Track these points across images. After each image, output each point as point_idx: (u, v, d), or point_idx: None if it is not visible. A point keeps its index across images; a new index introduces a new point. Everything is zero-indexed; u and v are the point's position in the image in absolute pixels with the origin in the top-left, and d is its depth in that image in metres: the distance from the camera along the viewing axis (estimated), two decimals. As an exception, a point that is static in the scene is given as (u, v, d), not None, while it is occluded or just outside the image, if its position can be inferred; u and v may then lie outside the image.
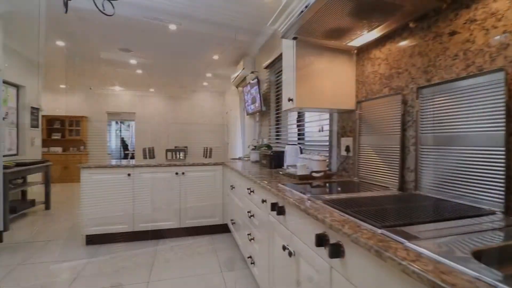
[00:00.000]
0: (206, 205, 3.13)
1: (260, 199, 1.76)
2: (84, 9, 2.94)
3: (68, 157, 7.41)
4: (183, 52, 4.43)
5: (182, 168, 3.07)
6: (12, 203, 3.77)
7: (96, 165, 2.84)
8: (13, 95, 4.34)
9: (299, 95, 1.69)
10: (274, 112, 3.52)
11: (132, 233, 2.98)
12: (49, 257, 2.59)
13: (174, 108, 8.57)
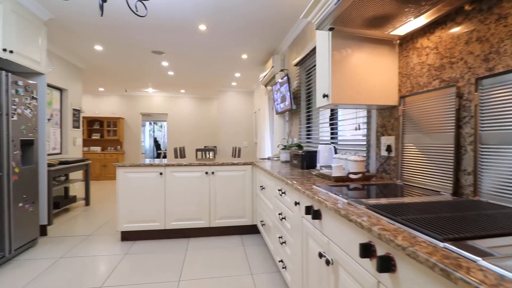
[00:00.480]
0: (235, 205, 3.10)
1: (293, 201, 1.67)
2: (119, 12, 3.04)
3: (106, 156, 7.83)
4: (212, 53, 4.46)
5: (212, 167, 3.07)
6: (56, 199, 4.03)
7: (130, 164, 2.93)
8: (57, 98, 4.65)
9: (335, 91, 1.58)
10: (305, 110, 3.40)
11: (164, 231, 3.03)
12: (87, 251, 2.70)
13: (203, 108, 8.72)
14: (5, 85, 2.37)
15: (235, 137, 7.62)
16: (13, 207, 2.47)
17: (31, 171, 2.75)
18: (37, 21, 2.92)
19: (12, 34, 2.56)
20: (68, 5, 2.90)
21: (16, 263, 2.43)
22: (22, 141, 2.62)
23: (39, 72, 2.99)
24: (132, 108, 8.39)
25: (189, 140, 8.64)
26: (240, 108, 7.67)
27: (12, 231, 2.45)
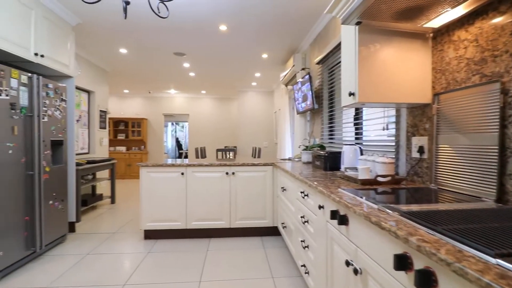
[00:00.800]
0: (256, 206, 3.06)
1: (316, 204, 1.60)
2: (141, 16, 3.10)
3: (131, 156, 8.09)
4: (232, 53, 4.45)
5: (232, 168, 3.05)
6: (84, 196, 4.20)
7: (153, 164, 2.98)
8: (85, 100, 4.85)
9: (362, 89, 1.49)
10: (327, 110, 3.30)
11: (185, 230, 3.05)
12: (112, 248, 2.78)
13: (224, 108, 8.78)
14: (36, 88, 2.48)
15: (255, 137, 7.60)
16: (44, 204, 2.58)
17: (61, 170, 2.87)
18: (66, 26, 3.05)
19: (43, 39, 2.67)
20: (94, 10, 3.00)
21: (47, 258, 2.54)
22: (52, 141, 2.74)
23: (68, 75, 3.12)
24: (155, 109, 8.62)
25: (209, 140, 8.73)
26: (260, 108, 7.64)
27: (43, 227, 2.56)
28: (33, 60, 2.54)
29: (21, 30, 2.39)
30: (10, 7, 2.28)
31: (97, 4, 2.87)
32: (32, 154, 2.45)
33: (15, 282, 2.11)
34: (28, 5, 2.46)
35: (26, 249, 2.37)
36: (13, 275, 2.21)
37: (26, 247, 2.37)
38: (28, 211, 2.40)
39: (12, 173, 2.24)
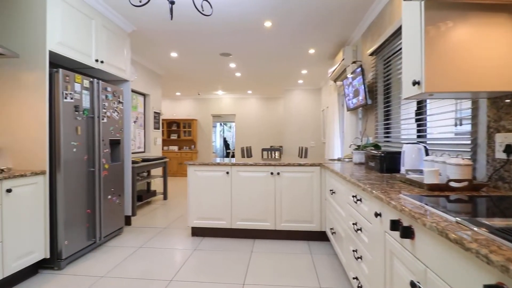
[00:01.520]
0: (302, 209, 2.90)
1: (372, 211, 1.40)
2: (188, 18, 3.18)
3: (182, 155, 8.53)
4: (278, 50, 4.34)
5: (278, 168, 2.94)
6: (139, 192, 4.50)
7: (199, 163, 3.02)
8: (141, 102, 5.21)
9: (429, 76, 1.25)
10: (383, 105, 2.98)
11: (230, 230, 3.04)
12: (162, 243, 2.89)
13: (269, 108, 8.72)
14: (97, 91, 2.69)
15: (302, 136, 7.38)
16: (103, 199, 2.80)
17: (118, 167, 3.08)
18: (122, 33, 3.27)
19: (103, 46, 2.90)
20: (147, 17, 3.17)
21: (105, 249, 2.74)
22: (111, 141, 2.96)
23: (125, 79, 3.35)
24: (204, 110, 8.95)
25: (255, 139, 8.76)
26: (306, 107, 7.40)
27: (102, 220, 2.77)
28: (94, 66, 2.76)
29: (84, 39, 2.62)
30: (76, 19, 2.51)
31: (149, 10, 3.02)
32: (93, 152, 2.66)
33: (77, 269, 2.31)
34: (89, 15, 2.69)
35: (88, 240, 2.59)
36: (76, 263, 2.42)
37: (88, 238, 2.58)
38: (89, 205, 2.62)
39: (77, 169, 2.46)
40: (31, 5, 2.22)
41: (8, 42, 2.25)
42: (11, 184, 1.94)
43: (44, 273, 2.23)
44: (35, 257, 2.13)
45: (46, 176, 2.23)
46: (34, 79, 2.22)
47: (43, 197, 2.21)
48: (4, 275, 1.89)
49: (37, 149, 2.23)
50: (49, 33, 2.23)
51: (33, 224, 2.11)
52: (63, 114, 2.31)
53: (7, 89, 2.25)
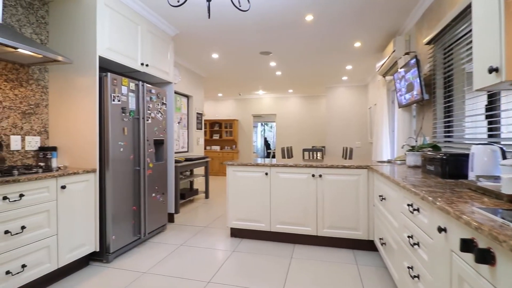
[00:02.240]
0: (347, 214, 2.68)
1: (434, 225, 1.19)
2: (227, 19, 3.16)
3: (224, 155, 8.69)
4: (320, 45, 4.13)
5: (319, 170, 2.76)
6: (182, 191, 4.65)
7: (238, 163, 2.98)
8: (185, 104, 5.40)
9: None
10: (442, 100, 2.62)
11: (269, 232, 2.94)
12: (202, 242, 2.91)
13: (311, 107, 8.44)
14: (142, 94, 2.80)
15: (346, 136, 6.98)
16: (148, 196, 2.91)
17: (162, 166, 3.19)
18: (166, 37, 3.38)
19: (147, 50, 3.02)
20: (189, 20, 3.22)
21: (149, 245, 2.84)
22: (155, 141, 3.07)
23: (168, 81, 3.46)
24: (244, 110, 9.01)
25: (296, 139, 8.55)
26: (351, 104, 6.98)
27: (147, 217, 2.88)
28: (140, 69, 2.89)
29: (130, 44, 2.74)
30: (122, 25, 2.64)
31: (191, 13, 3.06)
32: (138, 152, 2.78)
33: (123, 263, 2.42)
34: (135, 21, 2.81)
35: (134, 235, 2.70)
36: (123, 257, 2.54)
37: (133, 233, 2.70)
38: (135, 202, 2.73)
39: (124, 168, 2.58)
40: (83, 15, 2.38)
41: (64, 49, 2.44)
42: (66, 181, 2.10)
43: (94, 265, 2.37)
44: (86, 249, 2.28)
45: (97, 174, 2.37)
46: (86, 83, 2.38)
47: (94, 194, 2.35)
48: (59, 266, 2.04)
49: (89, 148, 2.39)
50: (99, 39, 2.37)
51: (84, 219, 2.26)
52: (111, 116, 2.43)
53: (65, 93, 2.45)
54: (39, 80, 2.42)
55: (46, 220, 1.95)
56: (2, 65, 2.14)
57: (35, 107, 2.39)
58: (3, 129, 2.16)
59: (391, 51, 3.59)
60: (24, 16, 2.29)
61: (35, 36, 2.38)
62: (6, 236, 1.69)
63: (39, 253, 1.90)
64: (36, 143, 2.41)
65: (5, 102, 2.17)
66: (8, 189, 1.71)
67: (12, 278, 1.73)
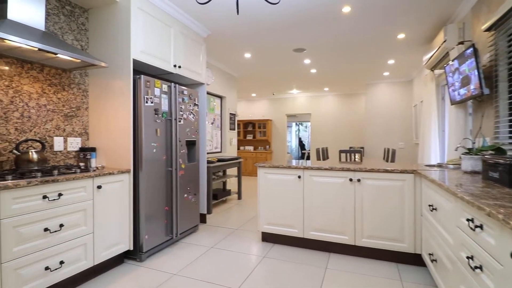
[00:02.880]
0: (390, 224, 2.42)
1: (505, 248, 0.96)
2: (258, 16, 3.06)
3: (257, 155, 8.64)
4: (358, 39, 3.85)
5: (358, 173, 2.54)
6: (215, 191, 4.66)
7: (269, 165, 2.87)
8: (218, 104, 5.42)
9: None
10: (507, 95, 2.24)
11: (302, 239, 2.79)
12: (233, 245, 2.85)
13: (348, 105, 8.02)
14: (174, 95, 2.82)
15: (388, 136, 6.50)
16: (180, 197, 2.92)
17: (194, 167, 3.19)
18: (198, 38, 3.39)
19: (180, 52, 3.04)
20: (221, 20, 3.19)
21: (181, 245, 2.85)
22: (187, 142, 3.08)
23: (200, 82, 3.46)
24: (278, 110, 8.87)
25: (332, 140, 8.19)
26: (394, 102, 6.47)
27: (178, 217, 2.89)
28: (172, 71, 2.91)
29: (163, 46, 2.77)
30: (156, 27, 2.68)
31: (221, 13, 3.02)
32: (170, 153, 2.80)
33: (155, 263, 2.44)
34: (168, 24, 2.84)
35: (166, 235, 2.73)
36: (155, 256, 2.57)
37: (165, 233, 2.73)
38: (167, 202, 2.76)
39: (156, 168, 2.61)
40: (118, 19, 2.45)
41: (102, 54, 2.54)
42: (101, 181, 2.16)
43: (129, 263, 2.43)
44: (121, 248, 2.34)
45: (131, 175, 2.42)
46: (121, 86, 2.44)
47: (128, 194, 2.40)
48: (95, 263, 2.11)
49: (123, 149, 2.45)
50: (133, 43, 2.41)
51: (119, 218, 2.31)
52: (145, 117, 2.47)
53: (103, 96, 2.55)
54: (80, 84, 2.54)
55: (83, 218, 2.02)
56: (46, 71, 2.27)
57: (76, 109, 2.52)
58: (47, 131, 2.30)
59: (441, 41, 3.20)
60: (66, 23, 2.42)
61: (76, 42, 2.50)
62: (46, 234, 1.77)
63: (76, 251, 1.97)
64: (77, 144, 2.53)
65: (49, 106, 2.30)
66: (47, 188, 1.79)
67: (51, 274, 1.81)
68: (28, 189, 1.68)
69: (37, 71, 2.21)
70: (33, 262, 1.71)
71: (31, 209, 1.69)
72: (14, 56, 2.02)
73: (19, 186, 1.62)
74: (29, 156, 1.97)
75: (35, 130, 2.20)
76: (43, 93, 2.25)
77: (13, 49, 1.84)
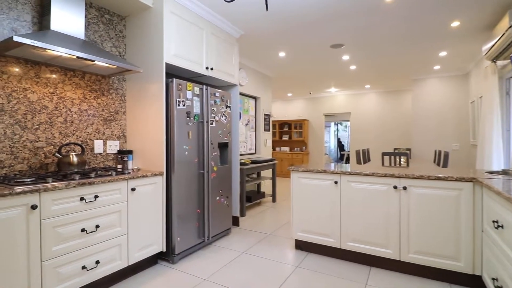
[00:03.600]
0: (442, 239, 2.12)
1: None
2: (290, 11, 2.91)
3: (293, 156, 8.44)
4: (403, 30, 3.49)
5: (404, 180, 2.26)
6: (249, 193, 4.60)
7: (303, 169, 2.71)
8: (252, 105, 5.37)
9: None
10: None
11: (339, 250, 2.58)
12: (265, 252, 2.74)
13: (393, 103, 7.44)
14: (206, 97, 2.81)
15: (439, 136, 5.87)
16: (211, 199, 2.90)
17: (226, 169, 3.16)
18: (231, 39, 3.35)
19: (212, 53, 3.02)
20: (253, 20, 3.11)
21: (212, 248, 2.83)
22: (219, 144, 3.05)
23: (233, 83, 3.42)
24: (315, 110, 8.57)
25: (374, 141, 7.66)
26: (446, 98, 5.83)
27: (211, 220, 2.87)
28: (205, 73, 2.90)
29: (195, 49, 2.77)
30: (188, 30, 2.68)
31: (254, 12, 2.94)
32: (202, 155, 2.79)
33: (186, 266, 2.44)
34: (200, 26, 2.83)
35: (197, 238, 2.72)
36: (186, 259, 2.57)
37: (197, 236, 2.72)
38: (199, 205, 2.75)
39: (188, 171, 2.62)
40: (152, 24, 2.50)
41: (138, 59, 2.61)
42: (135, 183, 2.20)
43: (162, 265, 2.46)
44: (154, 249, 2.37)
45: (163, 177, 2.45)
46: (154, 89, 2.48)
47: (161, 196, 2.43)
48: (129, 263, 2.16)
49: (157, 152, 2.49)
50: (166, 47, 2.44)
51: (152, 220, 2.35)
52: (177, 120, 2.48)
53: (139, 100, 2.62)
54: (118, 89, 2.65)
55: (117, 220, 2.07)
56: (87, 77, 2.40)
57: (115, 113, 2.63)
58: (88, 135, 2.42)
59: (505, 27, 2.76)
60: (105, 31, 2.53)
61: (114, 49, 2.61)
62: (82, 234, 1.84)
63: (111, 251, 2.03)
64: (116, 146, 2.64)
65: (90, 110, 2.42)
66: (84, 190, 1.86)
67: (87, 273, 1.87)
68: (66, 191, 1.75)
69: (79, 78, 2.33)
70: (71, 261, 1.78)
71: (69, 210, 1.77)
72: (58, 64, 2.15)
73: (57, 188, 1.70)
74: (70, 159, 2.08)
75: (77, 133, 2.33)
76: (84, 99, 2.38)
77: (56, 58, 1.95)
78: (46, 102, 2.12)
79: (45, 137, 2.12)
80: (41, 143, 2.10)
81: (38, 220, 1.63)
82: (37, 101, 2.07)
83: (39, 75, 2.08)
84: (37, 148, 2.07)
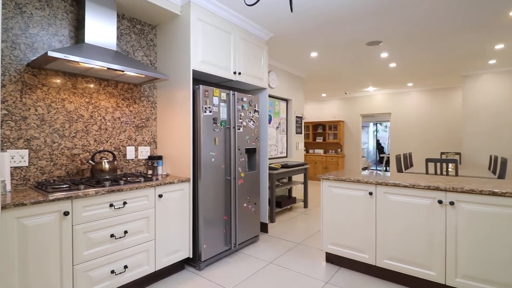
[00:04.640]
0: (501, 265, 1.82)
1: None
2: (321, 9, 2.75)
3: (328, 159, 8.13)
4: (451, 22, 3.12)
5: (450, 194, 1.99)
6: (279, 198, 4.49)
7: (334, 178, 2.54)
8: (283, 108, 5.25)
9: None
10: None
11: (374, 267, 2.37)
12: (293, 263, 2.62)
13: (438, 102, 6.80)
14: (233, 103, 2.77)
15: (495, 140, 5.21)
16: (238, 206, 2.86)
17: (254, 175, 3.09)
18: (259, 42, 3.28)
19: (240, 58, 2.97)
20: (282, 21, 3.00)
21: (239, 256, 2.78)
22: (247, 149, 2.99)
23: (262, 87, 3.35)
24: (351, 110, 8.17)
25: (417, 144, 7.07)
26: (504, 97, 5.15)
27: (237, 227, 2.83)
28: (232, 78, 2.87)
29: (223, 54, 2.75)
30: (215, 36, 2.67)
31: (283, 13, 2.83)
32: (229, 161, 2.76)
33: (212, 273, 2.41)
34: (227, 31, 2.80)
35: (224, 245, 2.69)
36: (213, 266, 2.55)
37: (224, 243, 2.69)
38: (226, 211, 2.72)
39: (215, 177, 2.60)
40: (180, 32, 2.52)
41: (167, 67, 2.65)
42: (163, 190, 2.23)
43: (189, 270, 2.47)
44: (181, 255, 2.39)
45: (190, 183, 2.46)
46: (182, 96, 2.50)
47: (188, 202, 2.44)
48: (156, 268, 2.19)
49: (184, 158, 2.50)
50: (193, 53, 2.44)
51: (179, 226, 2.37)
52: (203, 127, 2.48)
53: (168, 106, 2.67)
54: (149, 97, 2.72)
55: (145, 225, 2.11)
56: (120, 86, 2.49)
57: (146, 120, 2.70)
58: (121, 141, 2.51)
59: None
60: (137, 41, 2.61)
61: (146, 58, 2.68)
62: (111, 239, 1.90)
63: (139, 256, 2.07)
64: (147, 152, 2.71)
65: (123, 118, 2.52)
66: (113, 197, 1.91)
67: (116, 277, 1.93)
68: (96, 198, 1.82)
69: (112, 87, 2.43)
70: (100, 265, 1.85)
71: (99, 217, 1.83)
72: (92, 75, 2.26)
73: (88, 195, 1.77)
74: (102, 166, 2.17)
75: (110, 140, 2.43)
76: (117, 107, 2.47)
77: (89, 69, 2.05)
78: (82, 111, 2.24)
79: (81, 144, 2.23)
80: (78, 150, 2.22)
81: (70, 225, 1.70)
82: (74, 110, 2.19)
83: (75, 86, 2.20)
84: (74, 155, 2.19)
